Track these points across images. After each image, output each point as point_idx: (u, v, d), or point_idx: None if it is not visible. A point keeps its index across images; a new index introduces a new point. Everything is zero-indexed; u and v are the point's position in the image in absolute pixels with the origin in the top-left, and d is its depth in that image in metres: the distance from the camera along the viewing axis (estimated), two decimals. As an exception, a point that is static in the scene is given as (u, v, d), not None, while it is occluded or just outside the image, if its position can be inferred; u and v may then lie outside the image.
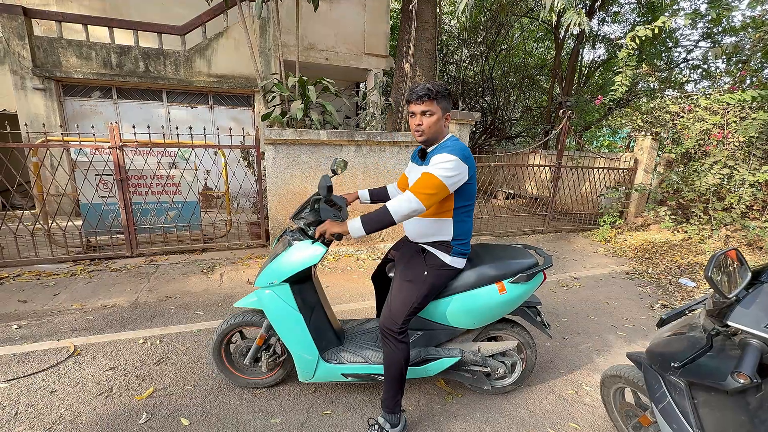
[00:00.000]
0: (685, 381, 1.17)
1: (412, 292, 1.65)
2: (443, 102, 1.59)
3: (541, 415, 1.94)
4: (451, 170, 1.49)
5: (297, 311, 1.77)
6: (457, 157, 1.50)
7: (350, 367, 1.84)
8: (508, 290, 1.77)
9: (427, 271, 1.68)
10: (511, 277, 1.78)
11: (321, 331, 1.88)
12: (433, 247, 1.72)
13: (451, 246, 1.69)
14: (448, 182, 1.50)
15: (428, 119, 1.58)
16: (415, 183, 1.52)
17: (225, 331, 1.94)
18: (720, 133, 4.98)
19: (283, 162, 4.18)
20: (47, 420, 1.78)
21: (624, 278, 4.14)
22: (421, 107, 1.57)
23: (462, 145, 1.59)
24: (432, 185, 1.48)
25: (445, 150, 1.54)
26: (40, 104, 5.86)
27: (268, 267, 1.80)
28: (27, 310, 2.95)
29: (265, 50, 6.80)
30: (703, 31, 8.98)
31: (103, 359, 2.30)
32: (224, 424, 1.79)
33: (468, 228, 1.72)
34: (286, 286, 1.76)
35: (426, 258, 1.72)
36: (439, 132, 1.63)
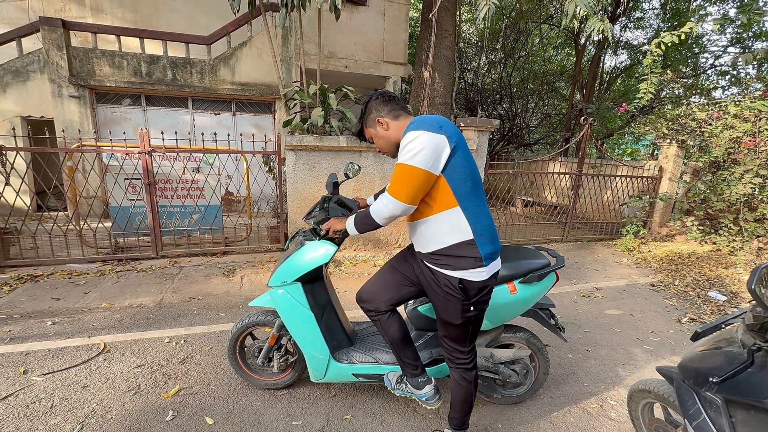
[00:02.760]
0: (723, 398, 1.12)
1: (464, 330, 1.50)
2: (368, 120, 1.52)
3: (564, 428, 1.89)
4: (417, 148, 1.26)
5: (309, 310, 1.80)
6: (421, 131, 1.28)
7: (361, 368, 1.86)
8: (519, 290, 1.74)
9: (472, 305, 1.42)
10: (522, 277, 1.75)
11: (332, 331, 1.91)
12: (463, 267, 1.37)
13: (477, 248, 1.36)
14: (421, 163, 1.26)
15: (376, 143, 1.55)
16: (391, 179, 1.35)
17: (240, 331, 1.99)
18: (752, 141, 4.80)
19: (303, 167, 4.26)
20: (80, 414, 1.85)
21: (649, 290, 4.01)
22: (366, 137, 1.57)
23: (426, 117, 1.37)
24: (403, 175, 1.28)
25: (410, 129, 1.32)
26: (75, 111, 6.16)
27: (281, 266, 1.83)
28: (60, 308, 3.08)
29: (286, 59, 6.97)
30: (732, 36, 8.71)
31: (131, 357, 2.38)
32: (247, 425, 1.83)
33: (487, 218, 1.42)
34: (298, 285, 1.79)
35: (465, 290, 1.39)
36: (387, 139, 1.50)
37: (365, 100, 1.53)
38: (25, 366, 2.23)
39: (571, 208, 5.89)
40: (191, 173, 4.46)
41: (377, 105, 1.51)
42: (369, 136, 1.56)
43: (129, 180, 4.27)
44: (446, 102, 5.58)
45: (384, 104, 1.50)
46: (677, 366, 1.37)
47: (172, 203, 4.44)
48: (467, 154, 1.37)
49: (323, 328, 1.83)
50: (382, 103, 1.50)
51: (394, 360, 1.85)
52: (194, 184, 4.49)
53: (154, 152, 4.14)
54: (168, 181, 4.39)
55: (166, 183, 4.39)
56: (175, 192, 4.44)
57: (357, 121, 1.57)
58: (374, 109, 1.51)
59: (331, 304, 1.95)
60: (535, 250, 1.94)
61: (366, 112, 1.53)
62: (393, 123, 1.48)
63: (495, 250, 1.43)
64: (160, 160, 4.21)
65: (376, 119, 1.50)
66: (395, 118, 1.49)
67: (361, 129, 1.57)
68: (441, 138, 1.29)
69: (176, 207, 4.46)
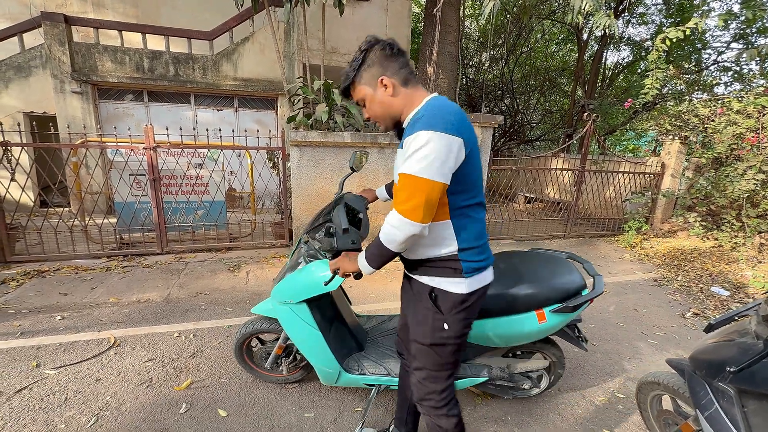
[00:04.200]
0: (735, 388, 1.15)
1: (437, 357, 1.26)
2: (365, 74, 1.16)
3: (573, 421, 1.92)
4: (432, 155, 1.01)
5: (316, 329, 1.68)
6: (436, 132, 1.01)
7: (373, 379, 1.79)
8: (548, 320, 1.56)
9: (447, 322, 1.20)
10: (555, 305, 1.55)
11: (341, 341, 1.84)
12: (439, 275, 1.20)
13: (460, 262, 1.17)
14: (436, 174, 1.02)
15: (366, 108, 1.22)
16: (397, 194, 1.07)
17: (243, 337, 1.93)
18: (755, 137, 4.81)
19: (307, 163, 4.26)
20: (95, 406, 1.88)
21: (652, 285, 4.04)
22: (354, 100, 1.24)
23: (443, 105, 1.10)
24: (416, 189, 1.02)
25: (417, 126, 1.05)
26: (77, 107, 6.14)
27: (284, 282, 1.70)
28: (68, 302, 3.09)
29: (288, 54, 6.94)
30: (735, 32, 8.69)
31: (142, 351, 2.40)
32: (260, 417, 1.85)
33: (478, 229, 1.20)
34: (303, 305, 1.67)
35: (438, 300, 1.20)
36: (388, 107, 1.18)
37: (364, 47, 1.16)
38: (37, 360, 2.25)
39: (574, 204, 5.90)
40: (195, 169, 4.46)
41: (383, 58, 1.15)
42: (360, 97, 1.21)
43: (134, 176, 4.27)
44: (450, 98, 5.57)
45: (392, 59, 1.15)
46: (688, 358, 1.39)
47: (177, 199, 4.44)
48: (477, 158, 1.16)
49: (331, 343, 1.73)
50: (389, 57, 1.15)
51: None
52: (199, 180, 4.49)
53: (159, 148, 4.14)
54: (173, 177, 4.39)
55: (171, 179, 4.39)
56: (180, 188, 4.45)
57: (346, 73, 1.19)
58: (378, 62, 1.15)
59: (340, 315, 1.88)
60: (568, 264, 1.71)
61: (364, 64, 1.16)
62: (401, 90, 1.16)
63: (482, 263, 1.22)
64: (164, 156, 4.21)
65: (379, 78, 1.15)
66: (404, 82, 1.17)
67: (350, 85, 1.20)
68: (458, 142, 1.04)
69: (181, 203, 4.46)
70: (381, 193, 1.82)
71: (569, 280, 1.59)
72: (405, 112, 1.18)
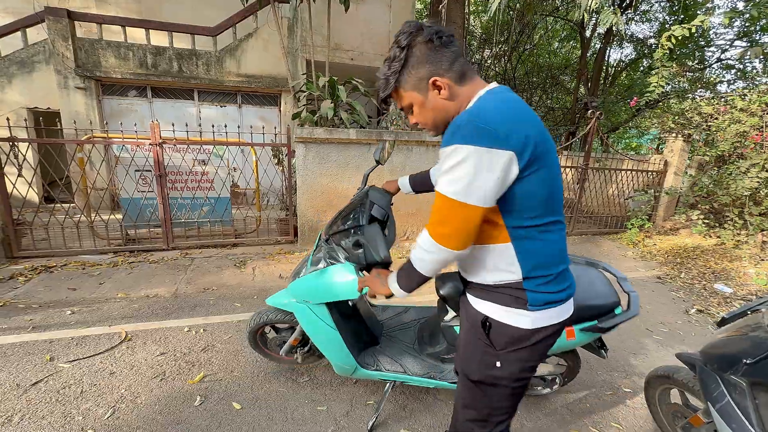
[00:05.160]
0: (748, 381, 1.17)
1: (485, 398, 1.05)
2: (410, 77, 0.95)
3: (582, 415, 1.95)
4: (466, 176, 0.83)
5: (334, 329, 1.66)
6: (471, 146, 0.82)
7: (388, 375, 1.77)
8: (577, 337, 1.49)
9: (500, 360, 0.99)
10: (586, 323, 1.47)
11: (358, 335, 1.84)
12: (497, 302, 0.99)
13: (525, 291, 0.96)
14: (468, 197, 0.85)
15: (415, 114, 1.02)
16: (432, 212, 0.92)
17: (257, 326, 1.93)
18: (759, 135, 4.82)
19: (313, 160, 4.28)
20: (110, 399, 1.90)
21: (655, 282, 4.07)
22: (399, 105, 1.03)
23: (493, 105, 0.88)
24: (445, 213, 0.88)
25: (456, 136, 0.85)
26: (81, 102, 6.14)
27: (303, 282, 1.65)
28: (77, 298, 3.11)
29: (292, 51, 6.93)
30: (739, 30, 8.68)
31: (153, 345, 2.42)
32: (273, 410, 1.87)
33: (552, 253, 0.97)
34: (322, 306, 1.64)
35: (491, 332, 1.00)
36: (443, 113, 0.97)
37: (404, 41, 0.92)
38: (51, 353, 2.27)
39: (577, 201, 5.92)
40: (201, 165, 4.47)
41: (431, 53, 0.91)
42: (406, 104, 1.00)
43: (140, 172, 4.28)
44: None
45: (442, 51, 0.92)
46: (699, 352, 1.41)
47: (182, 195, 4.45)
48: (548, 168, 0.90)
49: (348, 340, 1.71)
50: (438, 50, 0.91)
51: (424, 370, 1.74)
52: (204, 176, 4.51)
53: (165, 144, 4.15)
54: (178, 173, 4.40)
55: (177, 175, 4.40)
56: (186, 184, 4.46)
57: (385, 78, 0.97)
58: (425, 59, 0.92)
59: (356, 309, 1.88)
60: (601, 276, 1.61)
61: (407, 65, 0.94)
62: (457, 89, 0.94)
63: (557, 295, 0.98)
64: (170, 152, 4.22)
65: (431, 79, 0.93)
66: (460, 78, 0.94)
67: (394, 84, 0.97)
68: (505, 157, 0.83)
69: (186, 199, 4.48)
70: (404, 184, 1.67)
71: (603, 296, 1.49)
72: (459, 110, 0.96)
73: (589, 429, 1.86)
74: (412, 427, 1.81)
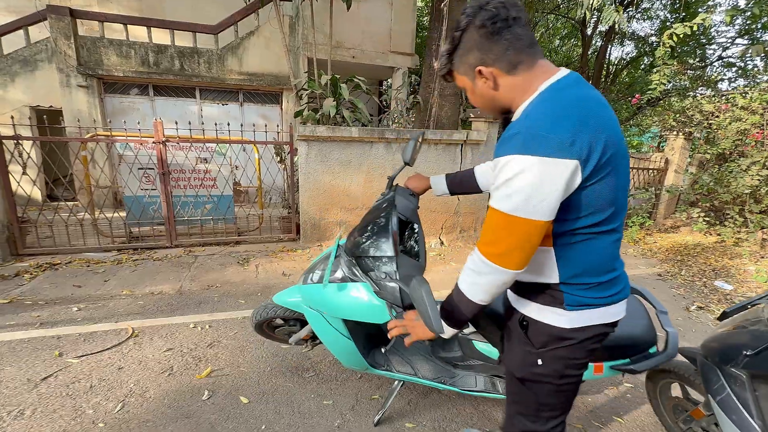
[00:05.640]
0: (748, 373, 1.20)
1: (531, 395, 1.03)
2: (461, 61, 0.92)
3: (584, 409, 1.98)
4: (525, 189, 0.77)
5: (349, 338, 1.59)
6: (530, 157, 0.76)
7: (399, 376, 1.74)
8: (605, 373, 1.42)
9: (541, 358, 0.97)
10: (617, 362, 1.39)
11: (370, 338, 1.82)
12: (534, 300, 0.97)
13: (562, 293, 0.92)
14: (530, 212, 0.78)
15: (469, 96, 1.00)
16: (484, 230, 0.87)
17: (263, 320, 1.88)
18: (759, 133, 4.84)
19: (315, 158, 4.29)
20: (119, 393, 1.93)
21: (656, 279, 4.09)
22: (457, 85, 1.01)
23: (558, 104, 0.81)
24: (502, 231, 0.82)
25: (509, 146, 0.79)
26: (83, 100, 6.15)
27: (318, 292, 1.54)
28: (83, 295, 3.14)
29: (293, 49, 6.94)
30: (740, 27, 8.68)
31: (160, 341, 2.45)
32: (280, 404, 1.90)
33: (597, 261, 0.91)
34: (338, 318, 1.57)
35: (530, 332, 0.98)
36: (490, 101, 0.95)
37: (463, 23, 0.88)
38: (59, 349, 2.30)
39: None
40: (204, 163, 4.49)
41: (483, 40, 0.86)
42: (461, 86, 0.99)
43: (143, 170, 4.30)
44: (456, 93, 5.59)
45: (495, 39, 0.85)
46: (700, 346, 1.44)
47: (185, 193, 4.48)
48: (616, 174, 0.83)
49: (360, 344, 1.66)
50: (492, 37, 0.85)
51: (435, 374, 1.71)
52: (207, 174, 4.53)
53: (169, 142, 4.17)
54: (181, 171, 4.42)
55: (180, 173, 4.42)
56: (189, 182, 4.48)
57: (442, 59, 0.97)
58: (476, 46, 0.88)
59: None
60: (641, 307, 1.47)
61: (458, 49, 0.92)
62: (506, 79, 0.89)
63: (597, 300, 0.92)
64: (173, 150, 4.24)
65: (476, 67, 0.89)
66: (511, 68, 0.87)
67: (451, 66, 0.96)
68: (570, 167, 0.76)
69: (189, 197, 4.50)
70: (439, 184, 1.50)
71: (640, 331, 1.38)
72: (515, 103, 0.91)
73: (591, 423, 1.89)
74: (417, 421, 1.84)
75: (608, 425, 1.88)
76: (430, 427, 1.81)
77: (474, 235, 5.00)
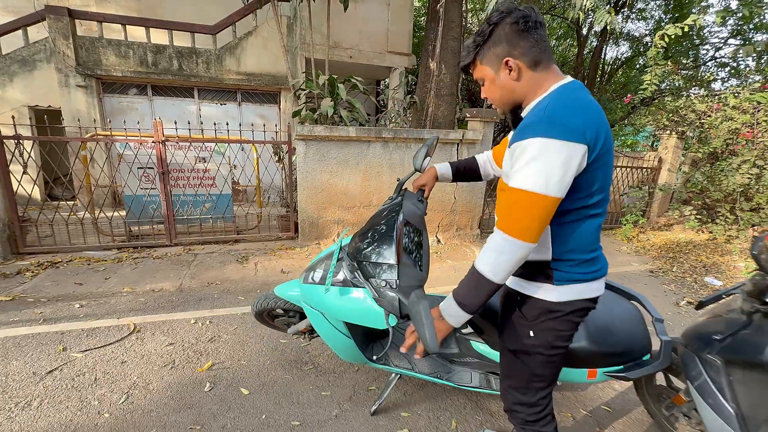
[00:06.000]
0: (723, 359, 1.27)
1: (524, 366, 1.15)
2: (489, 52, 1.01)
3: (573, 398, 2.05)
4: (546, 168, 0.88)
5: (349, 337, 1.63)
6: (550, 140, 0.87)
7: (397, 370, 1.79)
8: (598, 378, 1.48)
9: (533, 330, 1.09)
10: (611, 368, 1.45)
11: (369, 334, 1.86)
12: (525, 278, 1.10)
13: (552, 271, 1.05)
14: (548, 189, 0.89)
15: (486, 88, 1.08)
16: (502, 211, 0.97)
17: (262, 309, 1.94)
18: (750, 132, 4.93)
19: (313, 157, 4.35)
20: (123, 385, 1.99)
21: (648, 276, 4.18)
22: (475, 76, 1.09)
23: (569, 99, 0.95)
24: (523, 207, 0.91)
25: (529, 132, 0.90)
26: (82, 100, 6.19)
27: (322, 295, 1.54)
28: (84, 292, 3.19)
29: (291, 49, 6.98)
30: (732, 28, 8.79)
31: (161, 336, 2.51)
32: (280, 395, 1.97)
33: (586, 237, 1.04)
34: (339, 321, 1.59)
35: (524, 307, 1.11)
36: (509, 92, 1.03)
37: (495, 19, 0.99)
38: (63, 344, 2.35)
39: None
40: (203, 162, 4.54)
41: (513, 35, 0.97)
42: (479, 77, 1.07)
43: (143, 169, 4.35)
44: (452, 93, 5.66)
45: (524, 36, 0.97)
46: (681, 335, 1.51)
47: (185, 192, 4.52)
48: (606, 165, 0.98)
49: (359, 340, 1.70)
50: (521, 33, 0.97)
51: (432, 369, 1.77)
52: (206, 174, 4.58)
53: (168, 142, 4.21)
54: (180, 171, 4.47)
55: (179, 172, 4.47)
56: (188, 181, 4.53)
57: (467, 48, 1.05)
58: (506, 39, 0.98)
59: None
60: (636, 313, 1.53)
61: (488, 41, 1.00)
62: (528, 73, 0.99)
63: (582, 275, 1.05)
64: (173, 149, 4.29)
65: (505, 59, 0.99)
66: (534, 64, 0.98)
67: (474, 55, 1.04)
68: (581, 151, 0.89)
69: (189, 196, 4.55)
70: (444, 172, 1.53)
71: (635, 339, 1.45)
72: (528, 98, 1.02)
73: (580, 412, 1.96)
74: (412, 411, 1.90)
75: (597, 414, 1.95)
76: (424, 416, 1.88)
77: (470, 233, 5.07)
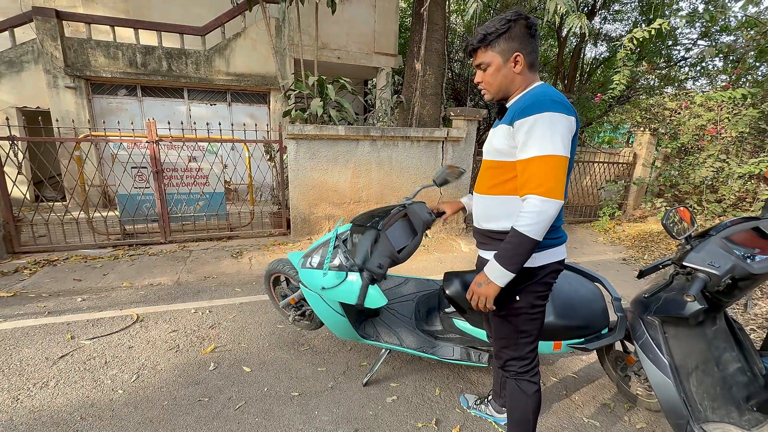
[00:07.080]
0: (659, 319, 1.51)
1: (512, 326, 1.34)
2: (503, 43, 1.17)
3: (544, 369, 2.28)
4: (557, 133, 1.08)
5: (344, 316, 1.80)
6: (556, 113, 1.08)
7: (387, 345, 1.98)
8: (563, 349, 1.69)
9: (519, 294, 1.27)
10: (574, 341, 1.66)
11: (361, 313, 2.03)
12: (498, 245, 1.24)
13: None
14: (564, 150, 1.09)
15: (485, 73, 1.23)
16: (530, 179, 1.10)
17: (272, 271, 2.23)
18: (714, 128, 5.29)
19: (304, 156, 4.52)
20: (133, 367, 2.14)
21: (621, 263, 4.47)
22: (475, 61, 1.24)
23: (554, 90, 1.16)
24: (549, 169, 1.07)
25: (543, 107, 1.09)
26: (71, 102, 6.21)
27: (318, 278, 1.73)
28: (84, 287, 3.31)
29: (280, 50, 7.11)
30: (701, 30, 9.25)
31: (164, 324, 2.66)
32: (280, 371, 2.15)
33: None
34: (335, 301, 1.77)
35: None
36: (508, 82, 1.21)
37: (512, 17, 1.16)
38: (71, 333, 2.49)
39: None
40: (196, 162, 4.66)
41: (525, 35, 1.17)
42: (484, 61, 1.21)
43: (136, 169, 4.45)
44: (437, 93, 5.89)
45: (531, 40, 1.18)
46: (630, 303, 1.75)
47: (178, 191, 4.64)
48: (575, 140, 1.19)
49: (353, 319, 1.86)
50: (529, 37, 1.17)
51: (418, 344, 1.95)
52: (199, 172, 4.70)
53: (162, 141, 4.33)
54: (174, 170, 4.58)
55: (172, 171, 4.58)
56: (181, 180, 4.65)
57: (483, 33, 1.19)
58: (519, 37, 1.16)
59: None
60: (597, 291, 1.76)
61: (504, 33, 1.16)
62: (526, 71, 1.20)
63: (553, 241, 1.25)
64: (166, 149, 4.40)
65: (515, 53, 1.17)
66: (530, 65, 1.20)
67: (487, 42, 1.19)
68: (574, 122, 1.13)
69: (183, 194, 4.66)
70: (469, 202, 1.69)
71: (595, 316, 1.66)
72: (516, 93, 1.23)
73: (550, 378, 2.19)
74: (401, 382, 2.11)
75: (565, 381, 2.19)
76: (411, 385, 2.08)
77: (456, 227, 5.30)
